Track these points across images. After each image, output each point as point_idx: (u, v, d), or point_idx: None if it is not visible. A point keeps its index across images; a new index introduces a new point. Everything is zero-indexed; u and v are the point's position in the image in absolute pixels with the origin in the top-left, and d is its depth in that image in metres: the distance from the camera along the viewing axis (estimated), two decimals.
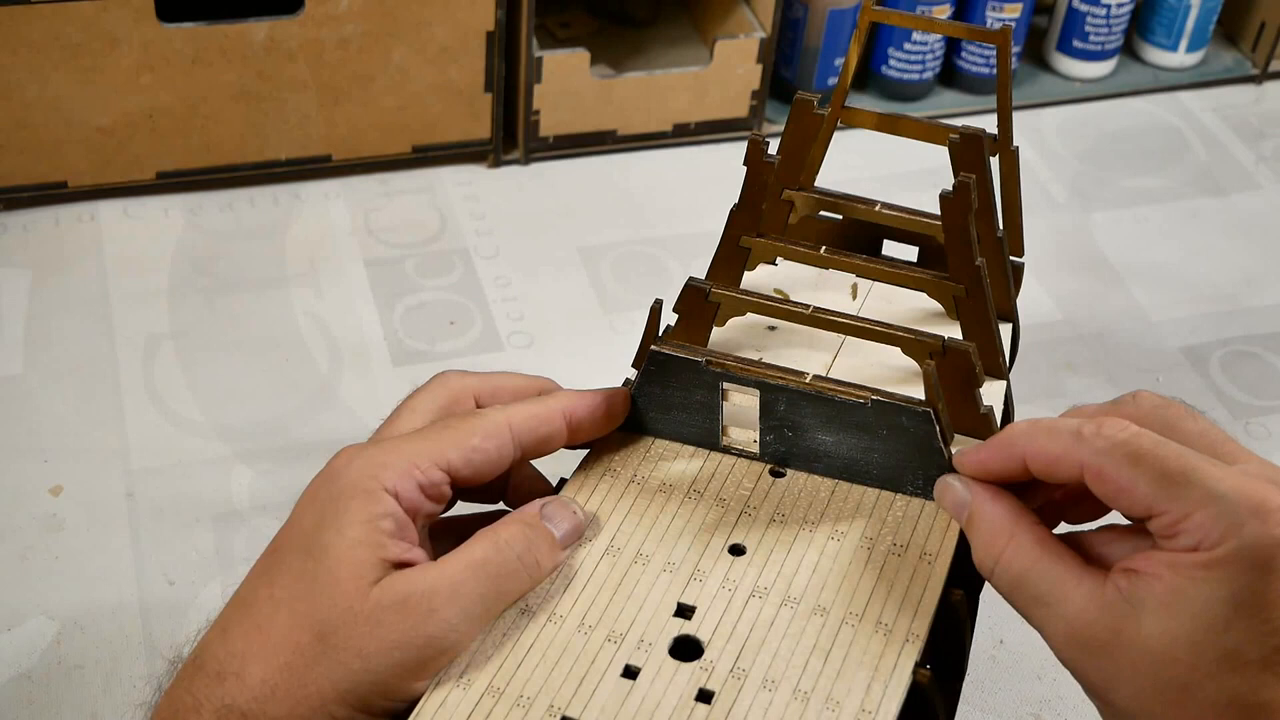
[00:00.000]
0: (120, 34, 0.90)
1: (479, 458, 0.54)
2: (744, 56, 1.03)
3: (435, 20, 0.95)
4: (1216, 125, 1.14)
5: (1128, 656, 0.47)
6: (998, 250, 0.63)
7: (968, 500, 0.52)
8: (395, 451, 0.53)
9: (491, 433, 0.54)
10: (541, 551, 0.53)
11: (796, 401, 0.56)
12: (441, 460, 0.53)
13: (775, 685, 0.50)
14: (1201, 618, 0.46)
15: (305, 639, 0.49)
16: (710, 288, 0.59)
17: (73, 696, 0.69)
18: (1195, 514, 0.46)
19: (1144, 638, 0.47)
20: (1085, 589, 0.49)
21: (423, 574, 0.50)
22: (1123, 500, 0.48)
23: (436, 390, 0.57)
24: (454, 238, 0.98)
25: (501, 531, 0.52)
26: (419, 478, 0.52)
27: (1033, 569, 0.50)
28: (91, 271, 0.92)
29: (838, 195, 0.65)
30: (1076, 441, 0.49)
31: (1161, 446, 0.48)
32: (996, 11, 1.08)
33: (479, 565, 0.51)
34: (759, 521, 0.56)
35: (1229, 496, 0.46)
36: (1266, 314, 0.97)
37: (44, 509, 0.77)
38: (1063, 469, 0.50)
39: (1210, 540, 0.46)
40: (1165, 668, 0.47)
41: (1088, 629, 0.48)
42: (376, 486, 0.51)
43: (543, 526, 0.53)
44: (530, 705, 0.49)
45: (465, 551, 0.51)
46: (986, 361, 0.60)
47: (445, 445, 0.53)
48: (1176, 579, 0.46)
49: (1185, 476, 0.47)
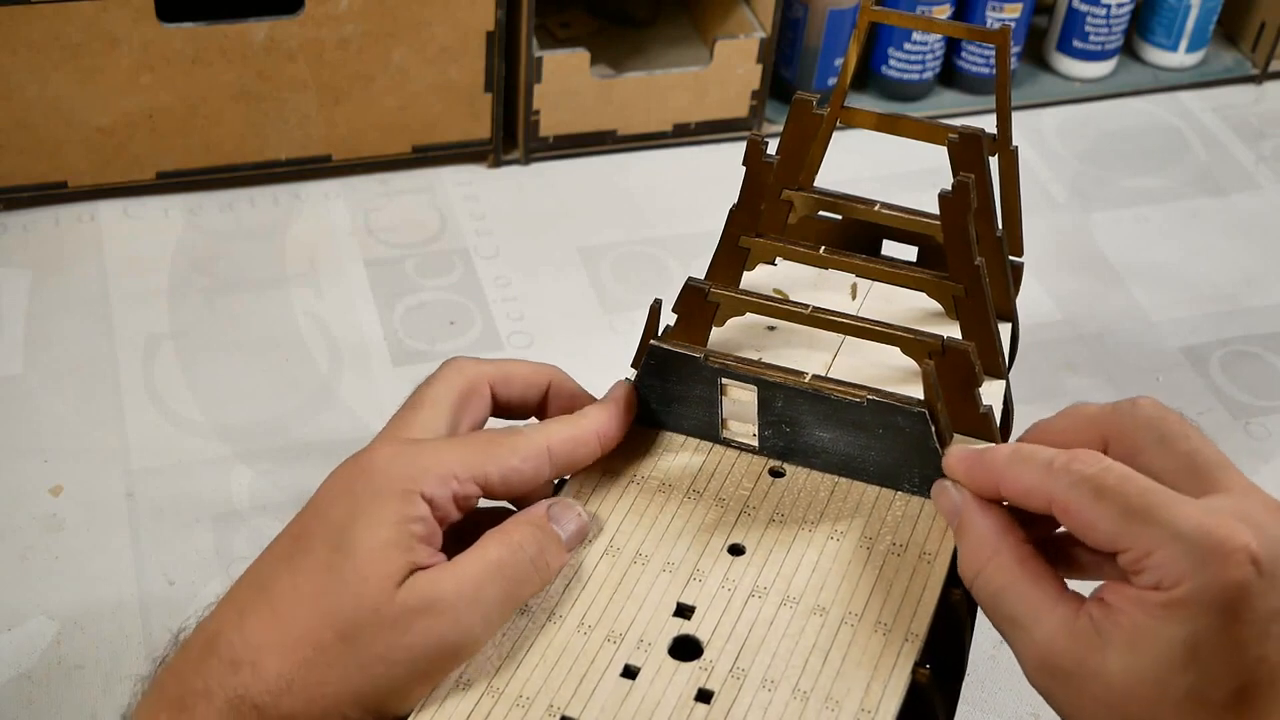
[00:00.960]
0: (120, 34, 0.90)
1: (516, 478, 0.54)
2: (744, 56, 1.03)
3: (435, 20, 0.95)
4: (1216, 125, 1.14)
5: (1092, 688, 0.47)
6: (997, 250, 0.63)
7: (960, 508, 0.53)
8: (436, 457, 0.52)
9: (531, 455, 0.54)
10: (550, 554, 0.53)
11: (794, 399, 0.56)
12: (480, 475, 0.53)
13: (775, 685, 0.50)
14: (1164, 658, 0.46)
15: (328, 637, 0.48)
16: (710, 288, 0.59)
17: (73, 696, 0.69)
18: (1155, 553, 0.46)
19: (1109, 672, 0.47)
20: (1058, 616, 0.48)
21: (445, 577, 0.50)
22: (1089, 535, 0.48)
23: (453, 378, 0.57)
24: (454, 238, 0.98)
25: (514, 534, 0.52)
26: (455, 488, 0.52)
27: (1010, 588, 0.50)
28: (91, 271, 0.92)
29: (837, 195, 0.65)
30: (1047, 474, 0.49)
31: (1127, 482, 0.48)
32: (996, 11, 1.08)
33: (496, 569, 0.51)
34: (758, 521, 0.56)
35: (1189, 536, 0.46)
36: (1266, 314, 0.97)
37: (44, 509, 0.77)
38: (1034, 500, 0.50)
39: (1169, 580, 0.46)
40: (1128, 703, 0.47)
41: (1056, 656, 0.48)
42: (414, 490, 0.51)
43: (551, 528, 0.53)
44: (529, 705, 0.49)
45: (481, 554, 0.51)
46: (986, 361, 0.60)
47: (487, 461, 0.53)
48: (1141, 616, 0.46)
49: (1147, 514, 0.47)
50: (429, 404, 0.56)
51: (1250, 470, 0.84)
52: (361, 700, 0.49)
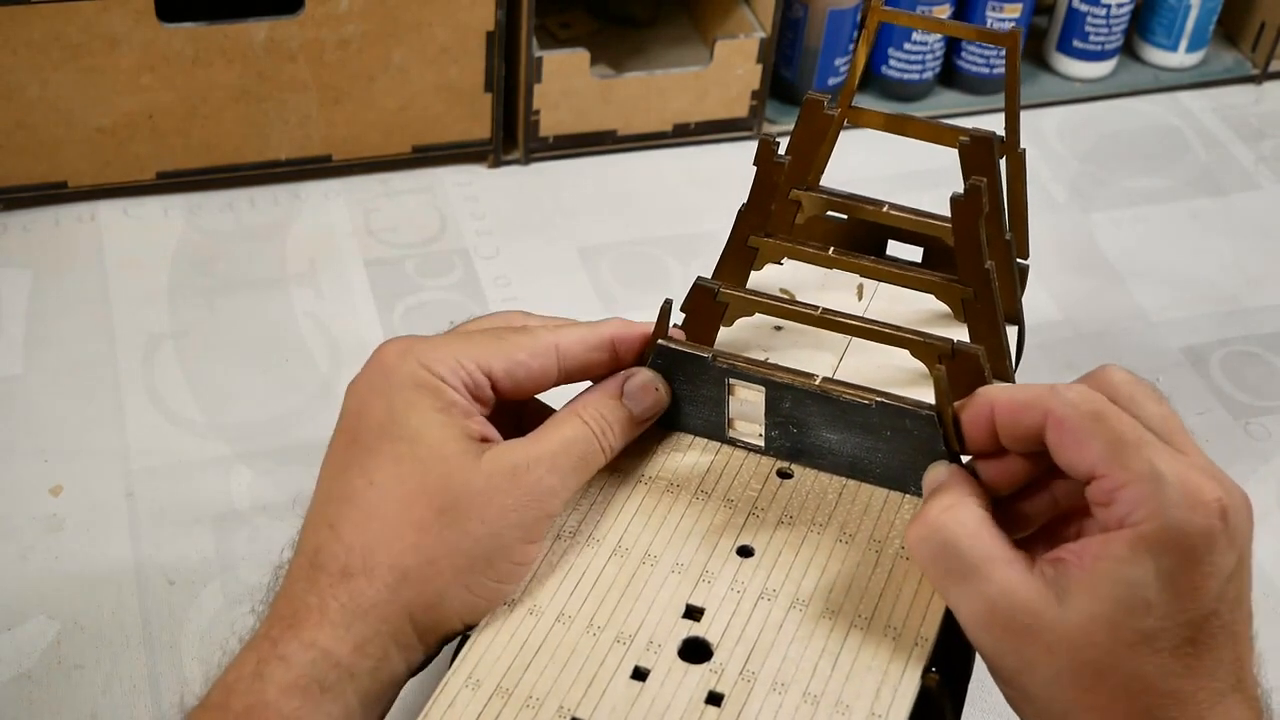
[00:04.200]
0: (120, 34, 0.90)
1: (521, 372, 0.55)
2: (744, 56, 1.03)
3: (435, 20, 0.95)
4: (1216, 125, 1.14)
5: (1046, 639, 0.48)
6: (1006, 253, 0.63)
7: (944, 480, 0.53)
8: (443, 348, 0.54)
9: (539, 351, 0.55)
10: (617, 431, 0.55)
11: (802, 400, 0.56)
12: (485, 366, 0.54)
13: (785, 688, 0.50)
14: (1122, 601, 0.47)
15: (428, 515, 0.51)
16: (719, 288, 0.59)
17: (73, 696, 0.68)
18: (1132, 486, 0.47)
19: (1064, 620, 0.48)
20: (1016, 568, 0.49)
21: (524, 446, 0.53)
22: (1073, 454, 0.49)
23: (494, 317, 0.59)
24: (454, 238, 0.97)
25: (586, 410, 0.55)
26: (464, 376, 0.53)
27: (967, 539, 0.50)
28: (91, 271, 0.92)
29: (845, 196, 0.65)
30: (1048, 392, 0.51)
31: (1123, 417, 0.49)
32: (996, 11, 1.08)
33: (570, 441, 0.54)
34: (767, 523, 0.56)
35: (1168, 479, 0.47)
36: (1266, 314, 0.97)
37: (44, 509, 0.77)
38: (1027, 416, 0.51)
39: (1138, 515, 0.47)
40: (1082, 650, 0.47)
41: (1009, 610, 0.48)
42: (432, 378, 0.53)
43: (623, 405, 0.56)
44: (540, 706, 0.49)
45: (555, 428, 0.54)
46: (994, 364, 0.60)
47: (490, 353, 0.54)
48: (1099, 565, 0.47)
49: (1136, 448, 0.48)
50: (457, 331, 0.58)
51: (1250, 470, 0.84)
52: (475, 565, 0.51)
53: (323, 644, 0.49)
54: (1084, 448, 0.49)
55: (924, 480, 0.54)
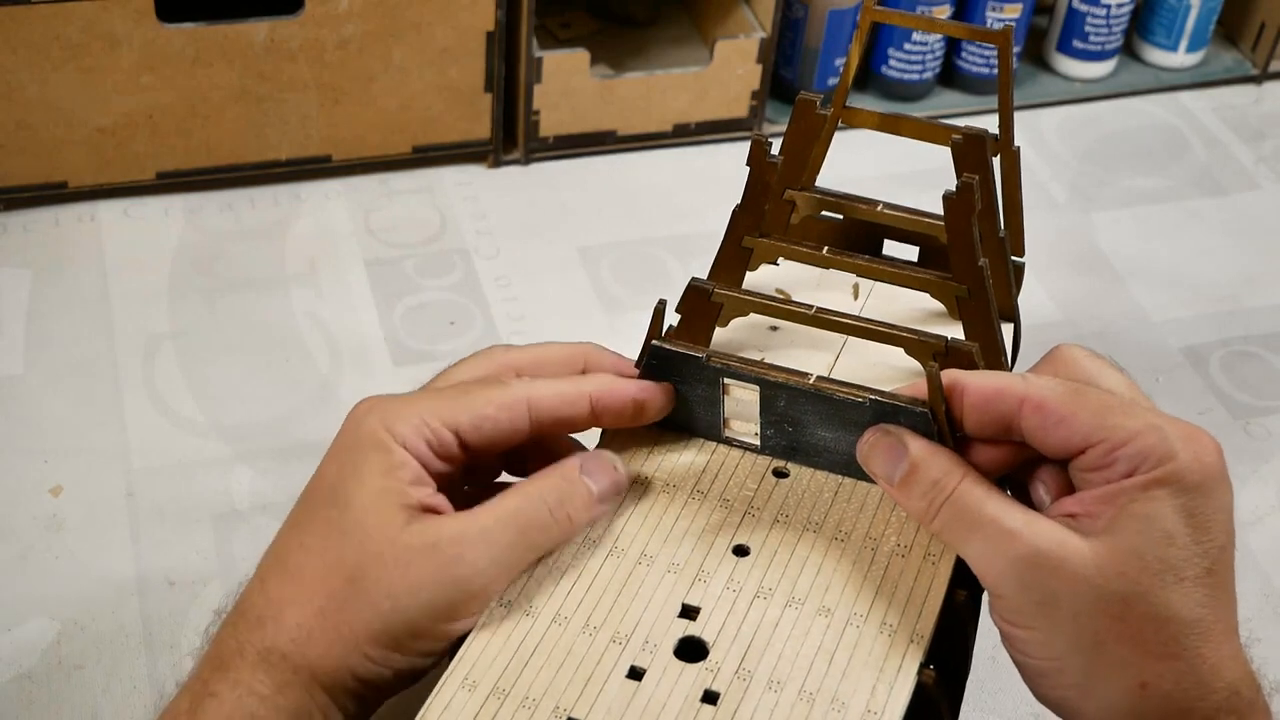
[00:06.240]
0: (120, 34, 0.90)
1: (489, 426, 0.54)
2: (744, 56, 1.03)
3: (435, 20, 0.95)
4: (1216, 125, 1.14)
5: (1071, 571, 0.49)
6: (1000, 250, 0.63)
7: (906, 454, 0.53)
8: (409, 406, 0.54)
9: (507, 404, 0.55)
10: (575, 506, 0.53)
11: (797, 399, 0.56)
12: (451, 422, 0.54)
13: (781, 686, 0.50)
14: (1145, 534, 0.49)
15: (337, 583, 0.51)
16: (713, 288, 0.59)
17: (73, 696, 0.68)
18: (1136, 439, 0.49)
19: (1091, 552, 0.49)
20: (1032, 515, 0.51)
21: (452, 521, 0.52)
22: (1061, 431, 0.51)
23: (481, 361, 0.58)
24: (454, 238, 0.97)
25: (536, 484, 0.53)
26: (428, 435, 0.53)
27: (989, 496, 0.51)
28: (91, 271, 0.92)
29: (840, 195, 0.65)
30: (1020, 379, 0.52)
31: (1099, 390, 0.52)
32: (996, 11, 1.08)
33: (510, 515, 0.52)
34: (762, 522, 0.56)
35: (1165, 427, 0.50)
36: (1266, 314, 0.97)
37: (44, 509, 0.77)
38: (1000, 402, 0.52)
39: (1154, 460, 0.49)
40: (1111, 580, 0.49)
41: (1034, 547, 0.49)
42: (389, 438, 0.53)
43: (580, 480, 0.54)
44: (535, 707, 0.49)
45: (497, 502, 0.53)
46: (989, 362, 0.60)
47: (458, 409, 0.54)
48: (1115, 509, 0.49)
49: (1125, 410, 0.50)
50: (443, 381, 0.58)
51: (1250, 470, 0.85)
52: (377, 638, 0.51)
53: (247, 682, 0.51)
54: (1072, 422, 0.50)
55: (868, 454, 0.54)
